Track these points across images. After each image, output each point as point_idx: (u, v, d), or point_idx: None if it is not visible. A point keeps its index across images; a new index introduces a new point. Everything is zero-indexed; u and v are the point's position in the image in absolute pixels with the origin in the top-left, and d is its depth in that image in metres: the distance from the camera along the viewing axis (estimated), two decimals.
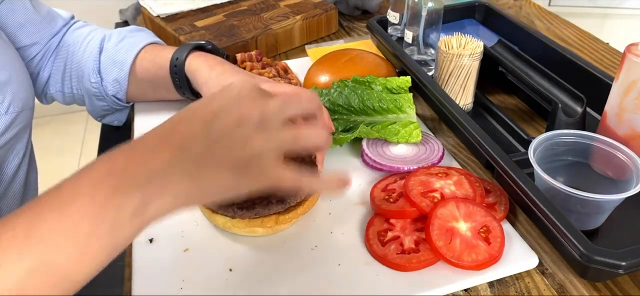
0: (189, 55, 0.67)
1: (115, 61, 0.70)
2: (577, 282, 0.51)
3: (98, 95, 0.72)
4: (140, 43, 0.71)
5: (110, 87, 0.71)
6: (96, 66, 0.70)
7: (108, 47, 0.71)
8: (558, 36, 0.99)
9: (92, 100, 0.73)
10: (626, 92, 0.57)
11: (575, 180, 0.58)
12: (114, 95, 0.72)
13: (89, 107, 0.75)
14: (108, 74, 0.70)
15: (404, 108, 0.67)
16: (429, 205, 0.53)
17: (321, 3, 1.02)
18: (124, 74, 0.70)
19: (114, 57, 0.70)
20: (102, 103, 0.73)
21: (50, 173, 1.31)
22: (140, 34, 0.73)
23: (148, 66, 0.70)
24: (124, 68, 0.70)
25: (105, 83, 0.71)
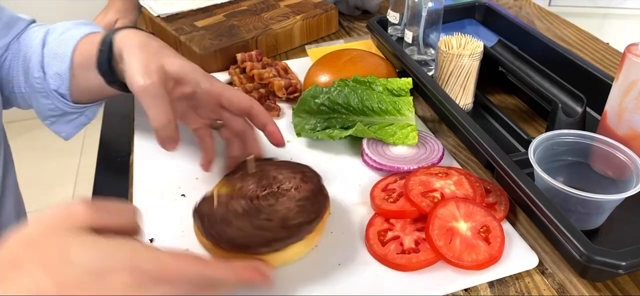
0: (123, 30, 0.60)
1: (56, 53, 0.65)
2: (577, 282, 0.51)
3: (42, 92, 0.67)
4: (81, 33, 0.65)
5: (51, 81, 0.66)
6: (39, 60, 0.66)
7: (50, 39, 0.66)
8: (558, 36, 0.99)
9: (38, 97, 0.68)
10: (626, 92, 0.57)
11: (575, 180, 0.58)
12: (56, 89, 0.66)
13: (36, 107, 0.70)
14: (50, 67, 0.65)
15: (403, 111, 0.67)
16: (429, 205, 0.53)
17: (321, 3, 1.02)
18: (65, 67, 0.64)
19: (55, 50, 0.65)
20: (47, 102, 0.68)
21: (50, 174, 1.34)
22: (86, 27, 0.67)
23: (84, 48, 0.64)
24: (64, 59, 0.64)
25: (48, 78, 0.66)
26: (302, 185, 0.53)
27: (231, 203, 0.51)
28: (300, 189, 0.53)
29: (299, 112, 0.70)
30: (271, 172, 0.55)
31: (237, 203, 0.51)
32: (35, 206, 2.09)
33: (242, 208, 0.50)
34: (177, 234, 0.56)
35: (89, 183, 0.70)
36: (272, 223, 0.49)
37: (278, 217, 0.49)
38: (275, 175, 0.55)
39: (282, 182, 0.54)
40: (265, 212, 0.50)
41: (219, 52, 0.87)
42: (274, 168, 0.56)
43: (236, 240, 0.47)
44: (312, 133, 0.68)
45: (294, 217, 0.49)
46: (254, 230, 0.48)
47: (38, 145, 2.37)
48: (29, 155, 2.24)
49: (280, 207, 0.50)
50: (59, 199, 2.03)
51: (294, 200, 0.51)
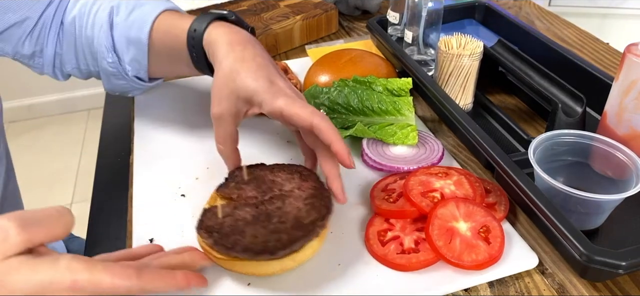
0: (209, 25, 0.59)
1: (130, 39, 0.64)
2: (577, 282, 0.51)
3: (117, 75, 0.67)
4: (152, 13, 0.64)
5: (129, 68, 0.66)
6: (110, 44, 0.65)
7: (118, 21, 0.65)
8: (558, 36, 0.99)
9: (110, 79, 0.69)
10: (626, 92, 0.57)
11: (575, 180, 0.58)
12: (135, 75, 0.67)
13: (107, 85, 0.70)
14: (125, 53, 0.65)
15: (403, 111, 0.67)
16: (429, 205, 0.53)
17: (321, 3, 1.02)
18: (142, 53, 0.64)
19: (127, 34, 0.64)
20: (122, 82, 0.69)
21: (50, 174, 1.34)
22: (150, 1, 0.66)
23: (164, 39, 0.64)
24: (141, 46, 0.64)
25: (124, 64, 0.66)
26: (303, 184, 0.53)
27: (236, 213, 0.50)
28: (302, 188, 0.53)
29: None
30: (267, 176, 0.55)
31: (243, 212, 0.50)
32: (35, 206, 2.08)
33: (250, 215, 0.50)
34: (177, 234, 0.56)
35: (89, 183, 0.70)
36: (286, 225, 0.48)
37: (290, 218, 0.49)
38: (273, 179, 0.55)
39: (282, 184, 0.54)
40: (276, 215, 0.50)
41: None
42: (268, 172, 0.56)
43: (253, 247, 0.46)
44: None
45: (306, 216, 0.49)
46: (269, 235, 0.47)
47: (38, 145, 2.37)
48: (29, 155, 2.25)
49: (289, 208, 0.50)
50: (59, 199, 2.03)
51: (301, 199, 0.51)
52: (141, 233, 0.56)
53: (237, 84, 0.54)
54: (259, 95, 0.54)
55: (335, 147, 0.52)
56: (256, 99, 0.54)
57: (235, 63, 0.55)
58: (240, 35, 0.58)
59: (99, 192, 0.68)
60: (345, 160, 0.52)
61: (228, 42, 0.57)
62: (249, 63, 0.55)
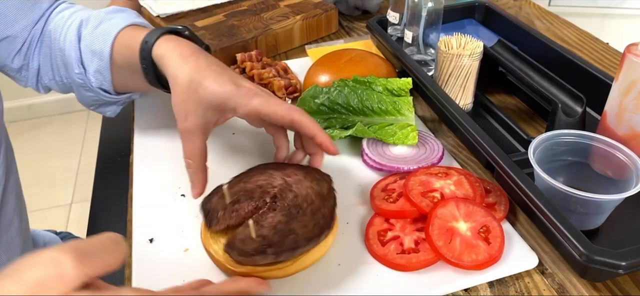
0: (159, 38, 0.59)
1: (94, 51, 0.64)
2: (577, 282, 0.51)
3: (85, 87, 0.67)
4: (116, 27, 0.63)
5: (93, 79, 0.66)
6: (77, 56, 0.65)
7: (85, 34, 0.65)
8: (558, 36, 0.99)
9: (80, 90, 0.68)
10: (626, 92, 0.57)
11: (575, 180, 0.58)
12: (99, 87, 0.66)
13: (78, 96, 0.71)
14: (89, 65, 0.65)
15: (403, 111, 0.67)
16: (429, 205, 0.53)
17: (321, 3, 1.02)
18: (104, 65, 0.64)
19: (92, 46, 0.64)
20: (90, 94, 0.68)
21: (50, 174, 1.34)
22: (119, 15, 0.66)
23: (124, 52, 0.63)
24: (103, 58, 0.63)
25: (89, 75, 0.65)
26: (287, 171, 0.54)
27: (265, 223, 0.48)
28: (290, 174, 0.53)
29: None
30: (247, 186, 0.53)
31: (270, 219, 0.49)
32: (36, 206, 2.09)
33: (281, 216, 0.49)
34: (177, 234, 0.56)
35: (89, 183, 0.70)
36: (317, 202, 0.50)
37: (315, 197, 0.50)
38: (256, 184, 0.53)
39: (269, 182, 0.53)
40: (301, 202, 0.50)
41: (219, 52, 0.87)
42: (242, 183, 0.53)
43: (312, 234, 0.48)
44: None
45: (321, 188, 0.51)
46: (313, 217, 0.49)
47: (38, 145, 2.37)
48: (29, 155, 2.25)
49: (304, 191, 0.51)
50: (59, 199, 2.03)
51: (302, 181, 0.52)
52: (141, 233, 0.56)
53: (201, 95, 0.53)
54: (231, 99, 0.53)
55: (318, 139, 0.54)
56: (229, 104, 0.54)
57: (193, 73, 0.54)
58: (191, 48, 0.58)
59: (99, 192, 0.69)
60: (330, 148, 0.55)
61: (179, 55, 0.56)
62: (207, 71, 0.55)
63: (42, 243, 0.84)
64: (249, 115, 0.55)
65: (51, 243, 0.87)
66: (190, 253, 0.53)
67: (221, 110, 0.55)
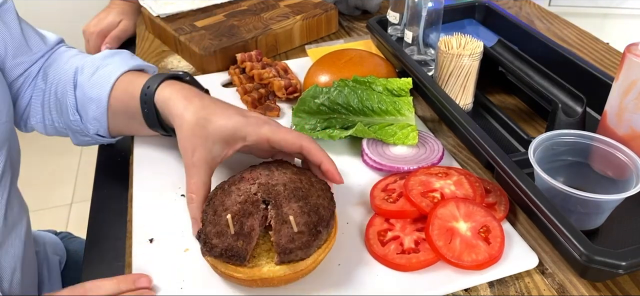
0: (162, 82, 0.60)
1: (91, 98, 0.64)
2: (577, 282, 0.51)
3: (80, 133, 0.68)
4: (114, 74, 0.64)
5: (90, 126, 0.66)
6: (73, 103, 0.66)
7: (82, 81, 0.65)
8: (558, 36, 0.99)
9: (76, 136, 0.69)
10: (626, 92, 0.57)
11: (575, 180, 0.58)
12: (96, 133, 0.67)
13: (74, 140, 0.71)
14: (86, 112, 0.65)
15: (403, 111, 0.67)
16: (429, 205, 0.53)
17: (321, 3, 1.02)
18: (101, 111, 0.64)
19: (89, 94, 0.64)
20: (86, 138, 0.69)
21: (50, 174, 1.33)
22: (115, 59, 0.66)
23: (122, 98, 0.64)
24: (100, 105, 0.64)
25: (85, 122, 0.66)
26: (260, 173, 0.53)
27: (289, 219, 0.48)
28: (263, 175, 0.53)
29: (299, 112, 0.70)
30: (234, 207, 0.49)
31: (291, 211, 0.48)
32: (35, 206, 2.08)
33: (295, 206, 0.48)
34: (177, 234, 0.56)
35: (89, 183, 0.70)
36: (313, 183, 0.52)
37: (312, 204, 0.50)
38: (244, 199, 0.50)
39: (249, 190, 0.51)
40: (293, 185, 0.50)
41: (219, 52, 0.87)
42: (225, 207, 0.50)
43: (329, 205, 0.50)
44: (312, 133, 0.68)
45: (317, 199, 0.50)
46: (325, 193, 0.51)
47: (38, 145, 2.37)
48: (29, 155, 2.24)
49: (284, 178, 0.52)
50: (59, 199, 2.03)
51: (277, 173, 0.52)
52: (141, 233, 0.56)
53: (209, 130, 0.54)
54: (241, 129, 0.55)
55: (324, 167, 0.55)
56: (239, 134, 0.55)
57: (200, 111, 0.56)
58: (193, 91, 0.59)
59: (99, 192, 0.69)
60: (336, 177, 0.55)
61: (184, 97, 0.58)
62: (213, 108, 0.56)
63: (42, 243, 0.84)
64: (259, 142, 0.55)
65: (51, 244, 0.87)
66: (190, 253, 0.53)
67: (230, 141, 0.55)
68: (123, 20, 1.10)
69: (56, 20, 2.04)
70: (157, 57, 0.95)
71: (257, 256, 0.49)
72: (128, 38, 1.11)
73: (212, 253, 0.47)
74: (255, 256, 0.49)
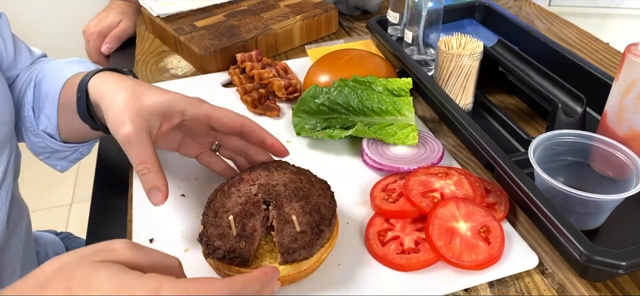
0: (99, 73, 0.57)
1: (46, 94, 0.64)
2: (577, 282, 0.51)
3: (32, 130, 0.66)
4: (69, 73, 0.63)
5: (40, 122, 0.65)
6: (30, 99, 0.65)
7: (40, 78, 0.65)
8: (558, 36, 0.99)
9: (28, 135, 0.68)
10: (626, 92, 0.57)
11: (575, 180, 0.58)
12: (44, 129, 0.65)
13: (27, 143, 0.69)
14: (40, 108, 0.65)
15: (403, 111, 0.67)
16: (429, 205, 0.53)
17: (321, 3, 1.02)
18: (53, 108, 0.63)
19: (45, 90, 0.64)
20: (37, 139, 0.67)
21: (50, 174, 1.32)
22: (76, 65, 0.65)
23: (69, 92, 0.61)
24: (52, 101, 0.63)
25: (36, 118, 0.65)
26: (256, 173, 0.53)
27: (291, 218, 0.48)
28: (260, 176, 0.52)
29: (299, 112, 0.70)
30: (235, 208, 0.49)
31: (293, 211, 0.48)
32: (35, 206, 2.08)
33: (297, 206, 0.48)
34: (177, 234, 0.56)
35: (89, 183, 0.70)
36: (313, 182, 0.52)
37: (305, 181, 0.51)
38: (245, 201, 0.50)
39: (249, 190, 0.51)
40: (293, 185, 0.51)
41: (219, 52, 0.87)
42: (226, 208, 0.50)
43: (331, 204, 0.50)
44: (312, 133, 0.68)
45: (317, 197, 0.50)
46: (325, 192, 0.51)
47: None
48: (29, 155, 2.24)
49: (284, 178, 0.52)
50: (59, 199, 2.03)
51: (277, 174, 0.52)
52: (141, 233, 0.56)
53: (145, 102, 0.52)
54: (179, 102, 0.53)
55: (268, 142, 0.56)
56: (177, 107, 0.53)
57: (135, 87, 0.53)
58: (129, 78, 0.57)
59: (99, 192, 0.69)
60: (281, 149, 0.57)
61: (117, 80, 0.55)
62: (149, 87, 0.54)
63: (42, 244, 0.84)
64: (199, 118, 0.54)
65: (52, 244, 0.87)
66: (190, 253, 0.53)
67: (167, 114, 0.53)
68: (123, 20, 1.10)
69: (56, 20, 2.05)
70: (157, 57, 0.95)
71: (259, 257, 0.49)
72: (128, 38, 1.11)
73: (215, 256, 0.47)
74: (257, 257, 0.49)
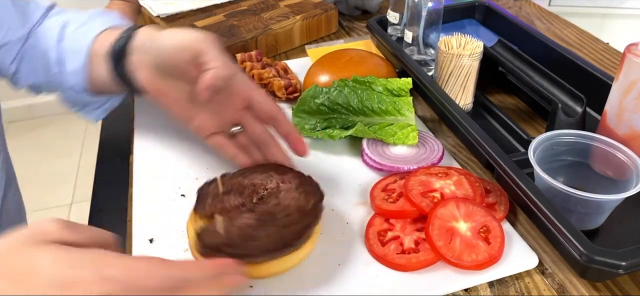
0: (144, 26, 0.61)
1: (74, 50, 0.64)
2: (577, 282, 0.51)
3: (60, 86, 0.68)
4: (98, 27, 0.64)
5: (69, 78, 0.66)
6: (57, 55, 0.66)
7: (67, 34, 0.66)
8: (558, 36, 0.99)
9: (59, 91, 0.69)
10: (626, 92, 0.57)
11: (575, 180, 0.58)
12: (72, 87, 0.66)
13: (60, 97, 0.71)
14: (67, 64, 0.65)
15: (403, 111, 0.67)
16: (429, 205, 0.53)
17: (321, 3, 1.02)
18: (81, 63, 0.64)
19: (72, 46, 0.65)
20: (66, 93, 0.69)
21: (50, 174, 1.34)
22: (103, 17, 0.67)
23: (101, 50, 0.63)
24: (80, 56, 0.64)
25: (64, 75, 0.66)
26: (284, 177, 0.53)
27: (237, 222, 0.48)
28: (286, 181, 0.53)
29: (299, 112, 0.70)
30: (243, 182, 0.53)
31: (243, 219, 0.48)
32: (35, 206, 2.08)
33: (253, 220, 0.48)
34: (177, 234, 0.56)
35: (89, 183, 0.70)
36: (293, 215, 0.49)
37: (294, 209, 0.49)
38: (251, 182, 0.53)
39: (264, 183, 0.53)
40: (278, 210, 0.49)
41: None
42: (241, 178, 0.54)
43: (273, 246, 0.47)
44: (312, 133, 0.68)
45: (306, 202, 0.50)
46: (282, 230, 0.48)
47: (38, 145, 2.37)
48: (29, 155, 2.25)
49: (287, 201, 0.50)
50: (59, 199, 2.03)
51: (293, 190, 0.52)
52: (141, 233, 0.56)
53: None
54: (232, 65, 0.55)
55: (293, 136, 0.58)
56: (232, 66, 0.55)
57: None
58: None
59: (99, 192, 0.68)
60: (302, 148, 0.58)
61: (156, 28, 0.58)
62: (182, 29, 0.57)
63: None
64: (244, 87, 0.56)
65: None
66: (190, 253, 0.53)
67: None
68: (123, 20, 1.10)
69: None
70: None
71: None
72: None
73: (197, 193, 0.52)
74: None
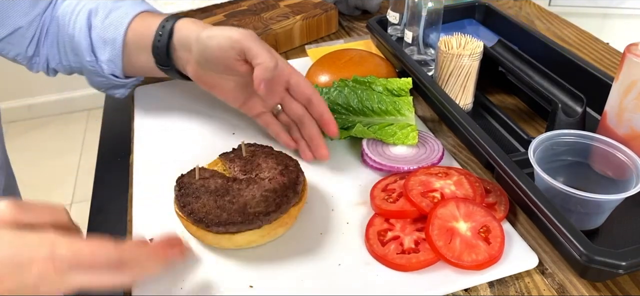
0: (180, 20, 0.67)
1: (105, 40, 0.68)
2: (577, 282, 0.51)
3: (95, 73, 0.71)
4: (128, 16, 0.68)
5: (105, 67, 0.70)
6: (88, 44, 0.69)
7: (96, 23, 0.69)
8: (558, 36, 0.99)
9: (91, 76, 0.73)
10: (626, 92, 0.57)
11: (575, 180, 0.58)
12: (111, 73, 0.71)
13: (89, 80, 0.75)
14: (101, 53, 0.69)
15: (403, 111, 0.67)
16: (429, 205, 0.53)
17: (321, 3, 1.02)
18: (116, 53, 0.68)
19: (104, 35, 0.68)
20: (101, 79, 0.72)
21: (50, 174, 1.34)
22: (127, 2, 0.70)
23: (136, 39, 0.68)
24: (115, 46, 0.68)
25: (101, 63, 0.70)
26: (278, 178, 0.54)
27: (209, 181, 0.54)
28: (273, 181, 0.54)
29: None
30: (259, 159, 0.57)
31: (213, 181, 0.54)
32: None
33: (215, 186, 0.53)
34: (177, 234, 0.55)
35: (88, 183, 0.70)
36: (233, 206, 0.51)
37: (240, 202, 0.51)
38: (260, 163, 0.57)
39: (262, 170, 0.56)
40: (232, 194, 0.52)
41: None
42: (263, 156, 0.58)
43: (196, 214, 0.51)
44: None
45: (254, 206, 0.51)
46: (214, 209, 0.51)
47: (37, 145, 2.37)
48: (28, 155, 2.24)
49: (246, 193, 0.53)
50: (58, 199, 2.03)
51: (262, 189, 0.53)
52: (141, 233, 0.56)
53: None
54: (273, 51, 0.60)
55: (326, 117, 0.63)
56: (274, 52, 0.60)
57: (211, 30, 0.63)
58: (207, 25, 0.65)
59: (99, 192, 0.68)
60: (334, 129, 0.63)
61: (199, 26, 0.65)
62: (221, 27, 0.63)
63: None
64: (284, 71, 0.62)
65: None
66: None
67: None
68: None
69: None
70: None
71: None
72: None
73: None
74: None
